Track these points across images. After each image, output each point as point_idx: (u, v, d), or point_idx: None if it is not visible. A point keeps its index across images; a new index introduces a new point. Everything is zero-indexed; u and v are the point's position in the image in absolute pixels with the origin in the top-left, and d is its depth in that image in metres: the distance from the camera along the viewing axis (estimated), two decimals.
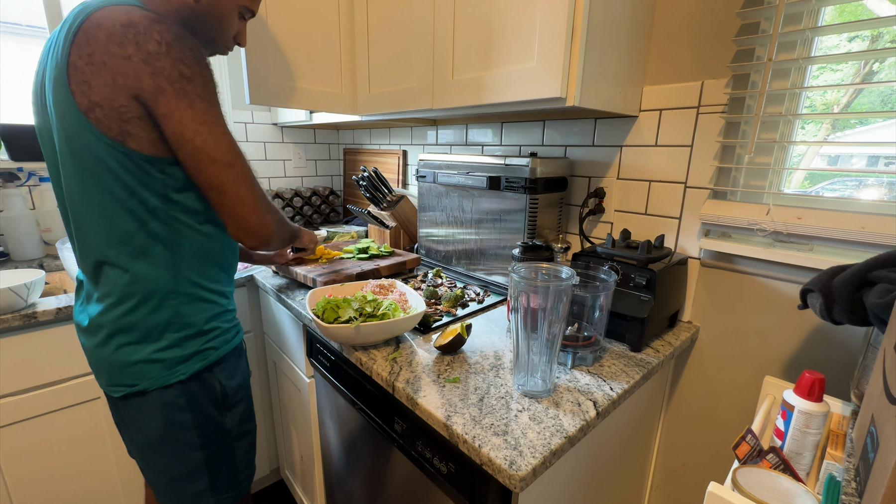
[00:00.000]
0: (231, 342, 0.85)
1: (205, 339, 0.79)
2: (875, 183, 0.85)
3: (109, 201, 0.68)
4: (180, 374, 0.76)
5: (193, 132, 0.65)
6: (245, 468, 0.90)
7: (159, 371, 0.74)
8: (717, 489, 0.51)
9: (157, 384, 0.75)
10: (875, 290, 0.54)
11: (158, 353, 0.74)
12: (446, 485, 0.71)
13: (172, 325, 0.75)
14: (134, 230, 0.70)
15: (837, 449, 0.60)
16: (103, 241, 0.70)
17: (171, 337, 0.75)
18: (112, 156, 0.65)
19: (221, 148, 0.68)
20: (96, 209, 0.69)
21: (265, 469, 1.62)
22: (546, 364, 0.71)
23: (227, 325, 0.84)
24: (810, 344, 0.85)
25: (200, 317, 0.78)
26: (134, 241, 0.70)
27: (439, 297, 1.12)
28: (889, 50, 0.74)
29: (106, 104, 0.62)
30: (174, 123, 0.64)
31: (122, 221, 0.69)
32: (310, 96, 1.23)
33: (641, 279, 0.86)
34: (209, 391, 0.80)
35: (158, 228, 0.71)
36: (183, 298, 0.75)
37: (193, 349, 0.77)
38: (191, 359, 0.77)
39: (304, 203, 2.08)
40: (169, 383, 0.75)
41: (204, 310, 0.79)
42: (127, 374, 0.74)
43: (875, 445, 0.42)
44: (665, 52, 0.97)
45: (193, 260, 0.76)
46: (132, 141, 0.65)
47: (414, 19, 1.08)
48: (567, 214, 1.22)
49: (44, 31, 1.45)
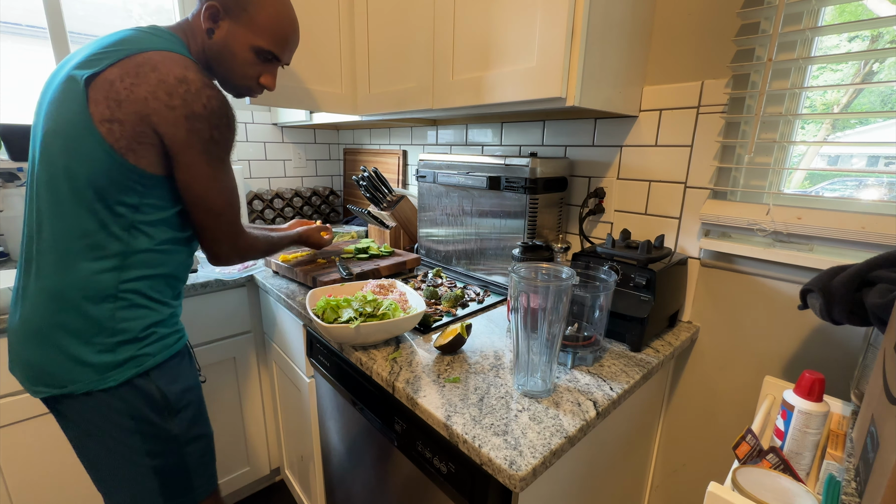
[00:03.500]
0: (171, 347, 0.82)
1: (140, 345, 0.76)
2: (875, 183, 0.85)
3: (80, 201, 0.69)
4: (111, 380, 0.73)
5: (203, 187, 0.75)
6: (201, 473, 0.87)
7: (90, 375, 0.72)
8: (717, 489, 0.51)
9: (88, 388, 0.72)
10: (875, 291, 0.54)
11: (91, 356, 0.72)
12: (446, 485, 0.71)
13: (106, 329, 0.73)
14: (93, 229, 0.70)
15: (837, 449, 0.60)
16: (60, 235, 0.71)
17: (104, 341, 0.72)
18: (104, 161, 0.68)
19: (218, 201, 0.78)
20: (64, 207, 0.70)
21: (265, 469, 1.62)
22: (546, 364, 0.71)
23: (167, 331, 0.81)
24: (810, 344, 0.85)
25: (137, 323, 0.75)
26: (90, 239, 0.71)
27: (439, 297, 1.12)
28: (889, 50, 0.74)
29: (128, 125, 0.67)
30: (190, 175, 0.73)
31: (85, 220, 0.70)
32: (310, 96, 1.23)
33: (641, 279, 0.86)
34: (147, 397, 0.77)
35: (118, 232, 0.72)
36: (121, 303, 0.74)
37: (127, 355, 0.74)
38: (123, 365, 0.74)
39: (304, 203, 2.08)
40: (101, 388, 0.73)
41: (141, 316, 0.76)
42: (54, 375, 0.72)
43: (875, 445, 0.42)
44: (665, 52, 0.97)
45: (143, 269, 0.76)
46: (132, 156, 0.69)
47: (414, 19, 1.08)
48: (567, 214, 1.22)
49: (44, 31, 1.44)
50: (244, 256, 0.90)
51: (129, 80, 0.67)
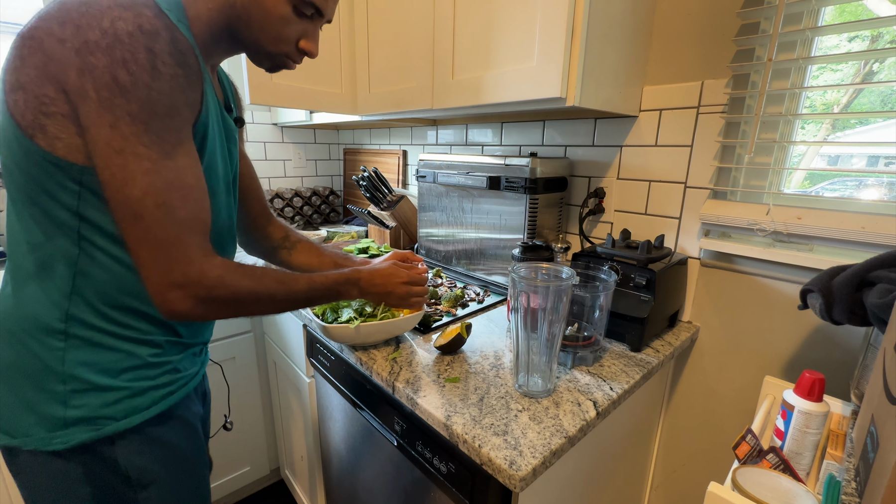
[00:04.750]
0: (145, 410, 0.59)
1: (101, 401, 0.56)
2: (875, 183, 0.85)
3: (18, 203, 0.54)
4: (58, 442, 0.55)
5: (105, 161, 0.48)
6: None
7: (38, 429, 0.55)
8: (717, 489, 0.51)
9: (35, 446, 0.55)
10: (875, 290, 0.54)
11: (39, 404, 0.55)
12: (446, 485, 0.71)
13: (54, 373, 0.55)
14: (39, 242, 0.54)
15: (837, 449, 0.60)
16: (11, 249, 0.57)
17: (54, 388, 0.55)
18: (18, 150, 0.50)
19: (131, 192, 0.49)
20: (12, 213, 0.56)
21: (265, 469, 1.62)
22: (546, 364, 0.71)
23: (143, 385, 0.59)
24: (810, 344, 0.85)
25: (90, 368, 0.56)
26: (37, 254, 0.54)
27: (439, 297, 1.12)
28: (889, 50, 0.74)
29: (30, 89, 0.48)
30: (91, 142, 0.48)
31: (30, 230, 0.54)
32: (310, 96, 1.23)
33: (641, 279, 0.86)
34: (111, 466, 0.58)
35: (65, 246, 0.53)
36: (73, 342, 0.55)
37: (82, 413, 0.55)
38: (77, 424, 0.55)
39: (304, 203, 2.08)
40: (48, 450, 0.55)
41: (101, 360, 0.56)
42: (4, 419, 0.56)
43: (875, 445, 0.42)
44: (665, 52, 0.97)
45: (98, 296, 0.56)
46: (42, 138, 0.49)
47: (414, 19, 1.08)
48: (567, 214, 1.22)
49: None
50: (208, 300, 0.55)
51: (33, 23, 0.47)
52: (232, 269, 0.58)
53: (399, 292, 0.81)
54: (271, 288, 0.62)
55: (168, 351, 0.63)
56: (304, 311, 1.01)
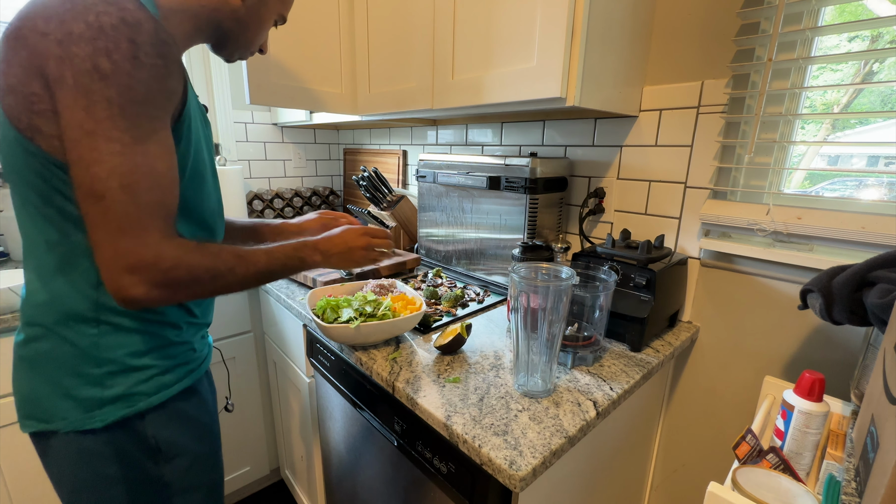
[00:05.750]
0: (176, 385, 0.67)
1: (134, 380, 0.62)
2: (875, 183, 0.85)
3: (31, 204, 0.56)
4: (97, 420, 0.60)
5: (73, 141, 0.48)
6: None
7: (75, 412, 0.60)
8: (717, 489, 0.51)
9: (72, 427, 0.60)
10: (875, 291, 0.54)
11: (75, 389, 0.60)
12: (446, 485, 0.71)
13: (90, 358, 0.60)
14: (56, 240, 0.57)
15: (837, 449, 0.60)
16: (27, 249, 0.60)
17: (90, 371, 0.60)
18: (23, 153, 0.52)
19: (97, 171, 0.49)
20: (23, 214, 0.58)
21: (265, 469, 1.62)
22: (546, 364, 0.71)
23: (169, 363, 0.66)
24: (810, 344, 0.85)
25: (122, 350, 0.61)
26: (55, 252, 0.57)
27: (439, 297, 1.12)
28: (889, 50, 0.74)
29: (19, 89, 0.49)
30: (64, 127, 0.49)
31: (46, 230, 0.57)
32: (310, 96, 1.23)
33: (641, 279, 0.86)
34: (138, 440, 0.64)
35: (84, 241, 0.56)
36: (106, 327, 0.60)
37: (117, 392, 0.61)
38: (114, 402, 0.61)
39: (305, 203, 2.08)
40: (86, 428, 0.60)
41: (131, 342, 0.62)
42: (40, 408, 0.61)
43: (875, 445, 0.42)
44: (665, 52, 0.97)
45: None
46: (41, 139, 0.50)
47: (414, 19, 1.08)
48: (567, 214, 1.22)
49: None
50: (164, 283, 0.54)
51: (16, 23, 0.49)
52: (190, 248, 0.56)
53: (360, 244, 0.81)
54: (229, 262, 0.61)
55: (186, 331, 0.69)
56: (304, 311, 1.01)
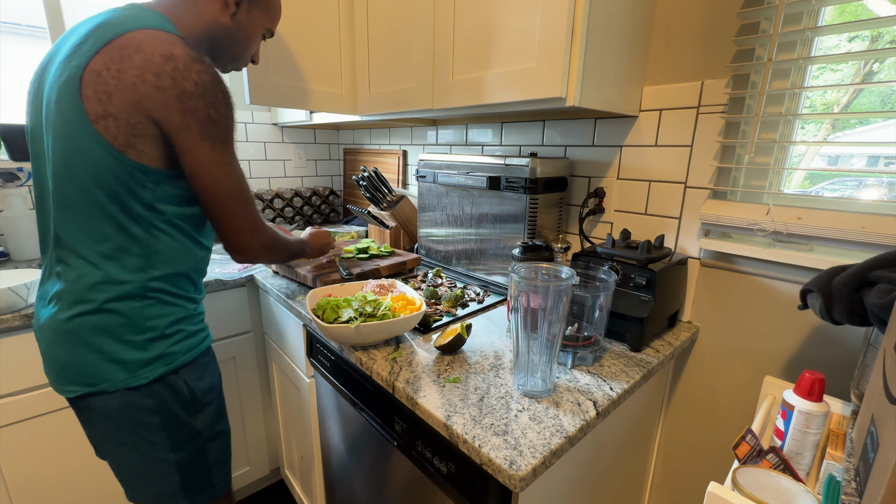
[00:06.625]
0: (198, 347, 0.83)
1: (168, 343, 0.77)
2: (875, 183, 0.85)
3: (94, 203, 0.69)
4: (142, 377, 0.74)
5: (208, 172, 0.71)
6: (219, 470, 0.89)
7: (121, 373, 0.73)
8: (717, 489, 0.51)
9: (119, 386, 0.73)
10: (875, 291, 0.54)
11: (123, 353, 0.73)
12: (446, 485, 0.71)
13: (136, 326, 0.73)
14: (112, 232, 0.70)
15: (837, 449, 0.60)
16: (78, 239, 0.71)
17: (134, 338, 0.73)
18: (107, 162, 0.66)
19: (228, 188, 0.74)
20: (76, 210, 0.70)
21: (265, 469, 1.62)
22: (546, 364, 0.71)
23: (193, 328, 0.82)
24: (810, 344, 0.85)
25: (163, 320, 0.76)
26: (110, 242, 0.71)
27: (439, 297, 1.12)
28: (889, 50, 0.74)
29: (122, 118, 0.64)
30: (193, 160, 0.70)
31: (102, 223, 0.70)
32: (310, 96, 1.23)
33: (641, 279, 0.86)
34: (177, 393, 0.79)
35: (138, 233, 0.72)
36: (149, 301, 0.74)
37: (156, 353, 0.75)
38: (154, 363, 0.75)
39: (304, 203, 2.08)
40: (131, 386, 0.74)
41: (168, 313, 0.77)
42: (85, 373, 0.73)
43: (875, 445, 0.42)
44: (665, 53, 0.97)
45: (165, 267, 0.76)
46: (134, 153, 0.67)
47: (414, 19, 1.08)
48: (567, 214, 1.22)
49: (44, 31, 1.44)
50: (269, 251, 0.85)
51: (115, 67, 0.63)
52: (272, 233, 0.86)
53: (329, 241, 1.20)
54: (286, 240, 0.94)
55: (199, 305, 0.86)
56: (304, 311, 1.02)
